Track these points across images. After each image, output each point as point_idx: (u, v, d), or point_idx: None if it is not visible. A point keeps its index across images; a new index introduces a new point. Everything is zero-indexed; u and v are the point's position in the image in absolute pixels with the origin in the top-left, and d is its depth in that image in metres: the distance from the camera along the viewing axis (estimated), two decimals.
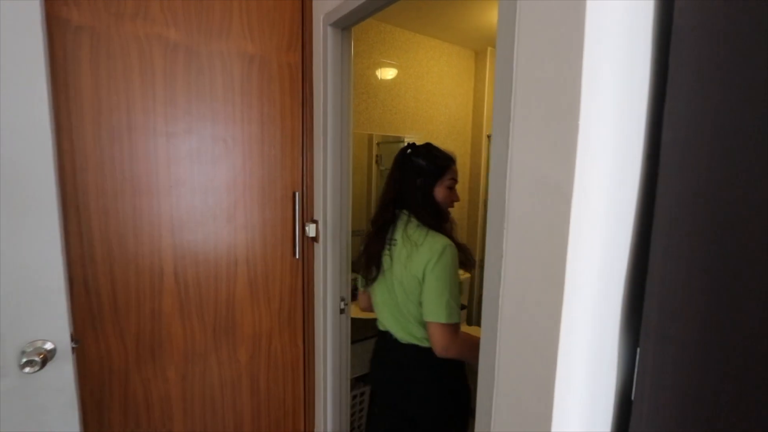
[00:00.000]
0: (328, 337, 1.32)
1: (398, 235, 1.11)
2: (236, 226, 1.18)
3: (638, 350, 0.59)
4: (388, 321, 1.15)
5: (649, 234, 0.57)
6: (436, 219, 1.08)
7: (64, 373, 0.83)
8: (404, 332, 1.11)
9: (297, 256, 1.29)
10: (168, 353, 1.12)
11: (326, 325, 1.31)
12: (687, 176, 0.52)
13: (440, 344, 1.01)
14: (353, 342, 1.51)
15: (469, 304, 2.70)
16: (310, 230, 1.28)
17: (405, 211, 1.12)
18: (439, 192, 1.11)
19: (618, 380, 0.65)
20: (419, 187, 1.10)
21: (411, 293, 1.06)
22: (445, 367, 1.09)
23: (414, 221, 1.09)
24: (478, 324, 2.31)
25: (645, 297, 0.57)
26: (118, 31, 0.96)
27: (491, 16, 2.02)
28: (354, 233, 1.33)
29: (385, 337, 1.18)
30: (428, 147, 1.15)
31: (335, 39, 1.18)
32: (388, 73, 2.16)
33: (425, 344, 1.08)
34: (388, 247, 1.13)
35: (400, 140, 2.27)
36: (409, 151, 1.14)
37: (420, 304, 1.05)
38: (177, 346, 1.13)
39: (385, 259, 1.13)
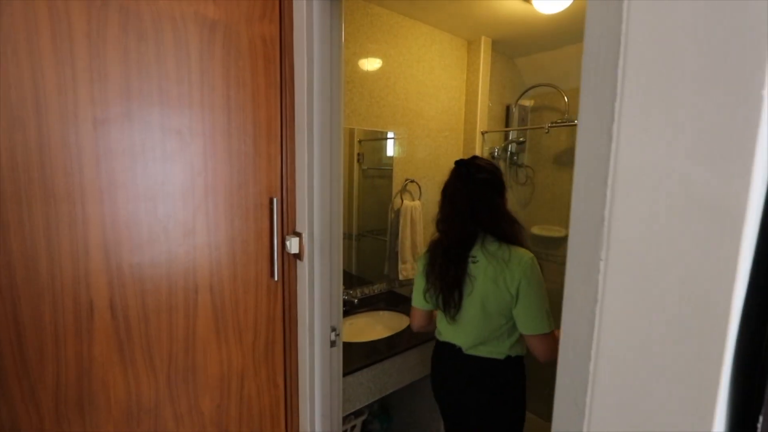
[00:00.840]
0: (316, 374, 1.07)
1: (477, 252, 1.10)
2: (196, 243, 0.92)
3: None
4: (464, 336, 1.14)
5: None
6: (513, 231, 1.09)
7: None
8: (490, 347, 1.11)
9: (275, 278, 1.04)
10: (103, 410, 0.84)
11: (313, 360, 1.07)
12: None
13: (546, 353, 1.04)
14: (345, 374, 1.27)
15: None
16: (292, 245, 1.03)
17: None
18: (506, 203, 1.12)
19: None
20: (492, 203, 1.09)
21: (501, 308, 1.07)
22: (519, 374, 1.15)
23: (489, 237, 1.09)
24: None
25: None
26: None
27: (486, 2, 1.82)
28: None
29: (457, 353, 1.16)
30: (483, 160, 1.15)
31: (322, 8, 0.93)
32: (375, 60, 1.92)
33: (503, 357, 1.11)
34: (468, 266, 1.11)
35: (383, 137, 2.05)
36: (470, 168, 1.11)
37: (510, 317, 1.08)
38: (117, 400, 0.86)
39: (467, 280, 1.10)
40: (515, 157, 2.80)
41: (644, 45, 0.39)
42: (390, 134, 2.06)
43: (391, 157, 2.09)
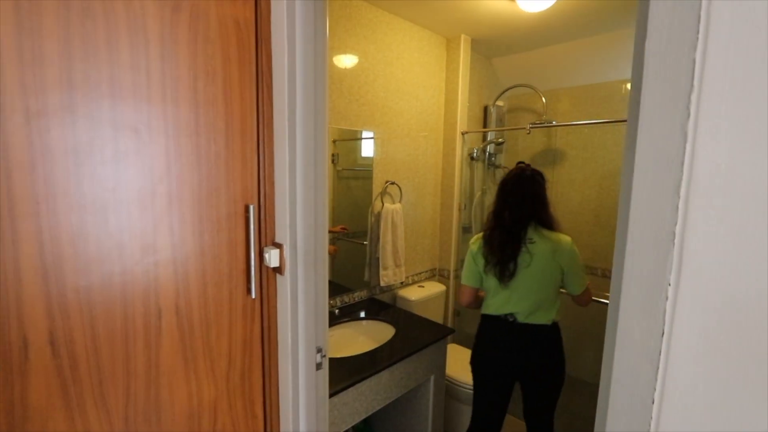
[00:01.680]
0: (300, 401, 0.96)
1: (533, 234, 1.38)
2: (158, 259, 0.78)
3: None
4: (522, 304, 1.38)
5: None
6: (553, 221, 1.40)
7: None
8: (541, 313, 1.38)
9: (253, 295, 0.92)
10: None
11: (297, 386, 0.95)
12: None
13: (588, 300, 1.45)
14: (332, 395, 1.17)
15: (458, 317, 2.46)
16: (272, 258, 0.91)
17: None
18: (548, 199, 1.43)
19: None
20: (542, 198, 1.40)
21: (553, 278, 1.37)
22: (560, 337, 1.44)
23: (538, 224, 1.39)
24: (459, 343, 2.02)
25: None
26: None
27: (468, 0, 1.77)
28: None
29: (511, 324, 1.41)
30: (526, 164, 1.46)
31: None
32: (353, 56, 1.82)
33: (549, 322, 1.40)
34: (524, 245, 1.36)
35: (358, 137, 1.95)
36: (529, 170, 1.43)
37: (557, 288, 1.40)
38: None
39: (525, 256, 1.36)
40: (493, 158, 2.78)
41: (736, 21, 0.32)
42: (366, 134, 1.96)
43: (367, 158, 2.00)
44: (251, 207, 0.89)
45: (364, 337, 1.75)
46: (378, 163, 2.02)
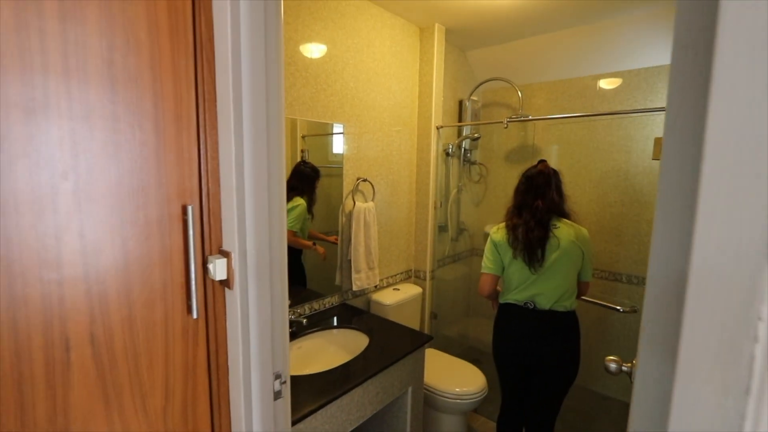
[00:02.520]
0: None
1: (557, 222, 1.45)
2: (62, 277, 0.61)
3: None
4: (547, 290, 1.43)
5: None
6: (570, 212, 1.49)
7: None
8: (563, 298, 1.43)
9: (194, 314, 0.76)
10: None
11: (251, 419, 0.80)
12: None
13: (587, 289, 1.52)
14: (294, 422, 1.02)
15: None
16: (217, 269, 0.76)
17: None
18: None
19: None
20: (562, 191, 1.49)
21: (577, 264, 1.43)
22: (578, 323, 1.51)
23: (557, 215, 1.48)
24: (437, 347, 1.96)
25: None
26: None
27: None
28: None
29: (531, 311, 1.46)
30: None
31: None
32: (320, 42, 1.66)
33: (572, 308, 1.46)
34: (551, 231, 1.43)
35: (329, 132, 1.80)
36: (550, 168, 1.50)
37: (578, 273, 1.46)
38: None
39: (552, 241, 1.41)
40: (468, 155, 2.70)
41: None
42: (337, 128, 1.81)
43: (339, 155, 1.85)
44: (190, 208, 0.73)
45: (335, 347, 1.61)
46: (349, 158, 1.88)
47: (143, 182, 0.69)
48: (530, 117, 2.28)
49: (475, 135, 2.64)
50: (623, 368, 0.92)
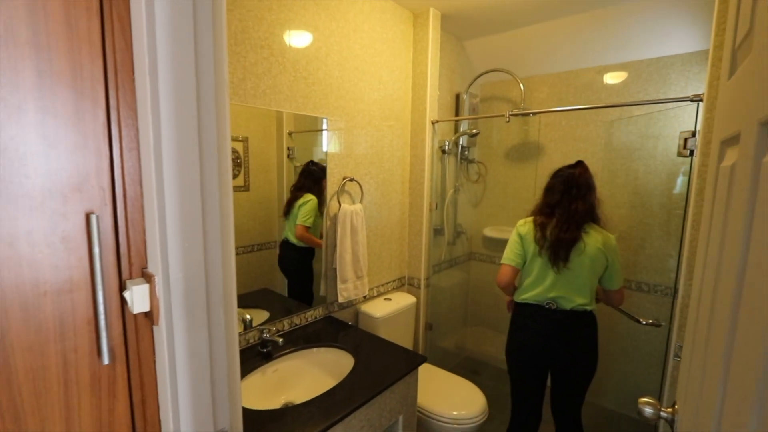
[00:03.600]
0: None
1: (587, 227, 1.43)
2: None
3: None
4: (568, 291, 1.42)
5: None
6: (603, 220, 1.47)
7: None
8: (582, 299, 1.42)
9: (105, 359, 0.57)
10: None
11: None
12: None
13: (622, 301, 1.52)
14: None
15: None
16: (135, 298, 0.57)
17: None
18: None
19: None
20: (595, 194, 1.47)
21: (599, 270, 1.43)
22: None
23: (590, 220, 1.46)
24: (432, 362, 1.76)
25: None
26: None
27: None
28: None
29: (551, 311, 1.45)
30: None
31: None
32: (301, 26, 1.47)
33: (591, 309, 1.45)
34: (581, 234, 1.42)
35: (318, 128, 1.62)
36: (588, 170, 1.48)
37: (598, 278, 1.45)
38: None
39: (579, 244, 1.40)
40: (466, 152, 2.51)
41: None
42: (325, 124, 1.63)
43: (325, 152, 1.66)
44: (94, 218, 0.54)
45: (317, 369, 1.42)
46: (333, 156, 1.69)
47: (22, 180, 0.50)
48: (533, 111, 2.10)
49: (474, 131, 2.45)
50: (662, 414, 0.74)
